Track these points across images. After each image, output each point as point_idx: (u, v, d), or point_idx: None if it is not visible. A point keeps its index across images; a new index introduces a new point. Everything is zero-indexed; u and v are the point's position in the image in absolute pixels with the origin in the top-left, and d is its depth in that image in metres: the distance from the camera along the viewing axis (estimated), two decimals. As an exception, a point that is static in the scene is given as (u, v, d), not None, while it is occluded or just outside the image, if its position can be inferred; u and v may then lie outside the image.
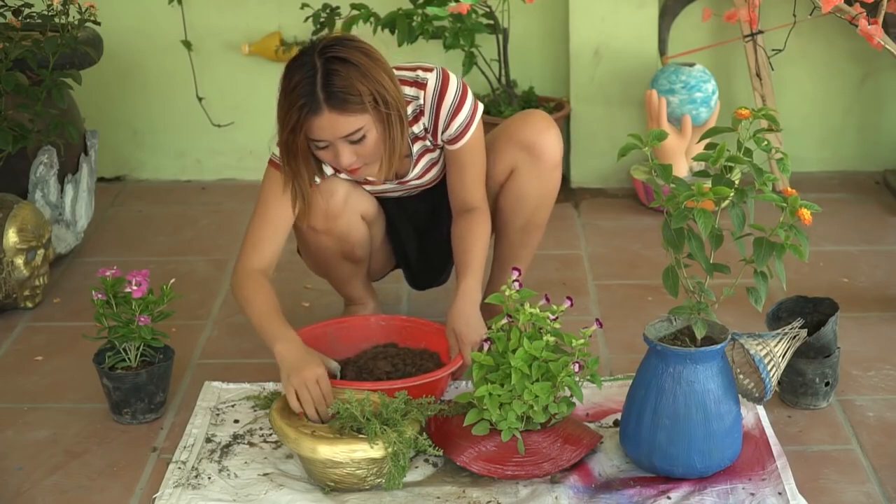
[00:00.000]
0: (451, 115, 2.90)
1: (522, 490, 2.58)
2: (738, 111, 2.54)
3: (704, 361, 2.54)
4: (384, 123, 2.73)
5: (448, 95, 2.89)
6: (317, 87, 2.66)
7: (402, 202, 3.14)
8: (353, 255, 3.10)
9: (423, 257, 3.24)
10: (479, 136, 2.98)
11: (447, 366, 2.86)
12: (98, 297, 2.82)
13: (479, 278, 2.95)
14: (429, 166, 3.03)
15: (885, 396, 2.94)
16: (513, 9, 4.21)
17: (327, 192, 2.96)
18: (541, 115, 3.07)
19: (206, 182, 4.49)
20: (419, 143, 2.97)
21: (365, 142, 2.73)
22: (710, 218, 2.46)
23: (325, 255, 3.11)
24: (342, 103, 2.66)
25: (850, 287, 3.53)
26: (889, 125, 4.42)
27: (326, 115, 2.67)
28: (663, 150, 4.03)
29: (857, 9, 3.16)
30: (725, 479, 2.59)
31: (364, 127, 2.71)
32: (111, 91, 4.40)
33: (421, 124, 2.91)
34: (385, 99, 2.70)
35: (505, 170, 3.06)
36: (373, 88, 2.69)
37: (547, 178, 3.06)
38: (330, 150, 2.74)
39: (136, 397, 2.84)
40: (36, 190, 3.64)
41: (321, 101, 2.66)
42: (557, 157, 3.05)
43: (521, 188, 3.07)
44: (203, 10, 4.32)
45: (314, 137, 2.72)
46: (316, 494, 2.57)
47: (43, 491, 2.62)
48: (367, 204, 3.07)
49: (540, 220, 3.14)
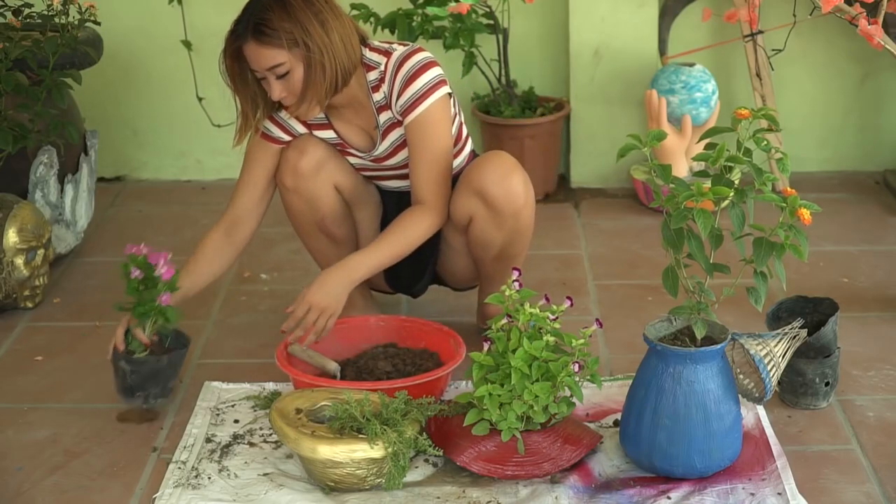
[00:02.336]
0: (406, 82, 2.93)
1: (522, 490, 2.58)
2: (738, 111, 2.54)
3: (704, 361, 2.54)
4: (307, 65, 2.85)
5: (408, 63, 2.94)
6: (247, 20, 2.85)
7: (401, 197, 3.14)
8: (325, 226, 3.11)
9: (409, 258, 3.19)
10: (437, 117, 2.94)
11: (447, 366, 2.86)
12: (136, 273, 2.81)
13: (371, 260, 2.94)
14: (398, 143, 3.03)
15: (885, 396, 2.94)
16: (513, 9, 4.21)
17: (299, 148, 3.05)
18: (500, 161, 2.97)
19: (207, 182, 4.49)
20: (385, 114, 2.99)
21: (289, 78, 2.86)
22: (710, 218, 2.46)
23: (300, 221, 3.14)
24: (261, 35, 2.83)
25: (850, 287, 3.53)
26: (889, 125, 4.42)
27: (250, 44, 2.84)
28: (663, 150, 4.03)
29: (857, 9, 3.16)
30: (725, 479, 2.59)
31: (285, 63, 2.84)
32: (111, 91, 4.40)
33: (381, 92, 2.96)
34: (305, 41, 2.83)
35: (464, 217, 3.01)
36: (295, 29, 2.82)
37: (511, 224, 2.99)
38: (265, 82, 2.90)
39: (152, 382, 2.85)
40: (36, 190, 3.64)
41: (247, 32, 2.84)
42: (517, 203, 2.96)
43: (483, 234, 3.01)
44: (203, 10, 4.32)
45: (250, 67, 2.89)
46: (316, 494, 2.57)
47: (43, 491, 2.62)
48: (344, 176, 3.10)
49: (514, 252, 3.07)
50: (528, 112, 4.22)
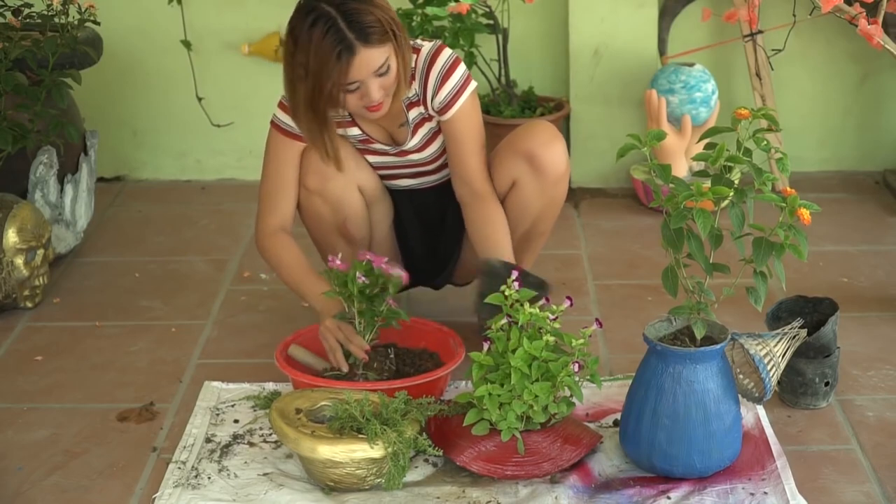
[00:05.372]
0: (441, 80, 2.94)
1: (522, 490, 2.58)
2: (738, 111, 2.54)
3: (704, 361, 2.54)
4: (400, 49, 2.81)
5: (439, 61, 2.94)
6: (344, 30, 2.72)
7: (413, 195, 3.15)
8: (346, 230, 3.09)
9: (428, 254, 3.23)
10: (472, 109, 2.99)
11: (447, 366, 2.86)
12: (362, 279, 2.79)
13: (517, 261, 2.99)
14: (429, 137, 3.03)
15: (885, 396, 2.94)
16: (513, 9, 4.21)
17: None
18: (545, 127, 3.06)
19: (206, 182, 4.49)
20: (415, 110, 2.99)
21: (389, 72, 2.80)
22: (710, 218, 2.46)
23: (320, 224, 3.10)
24: (371, 36, 2.74)
25: (850, 287, 3.53)
26: (889, 125, 4.42)
27: (362, 52, 2.74)
28: (663, 150, 4.03)
29: (857, 9, 3.16)
30: (725, 479, 2.59)
31: (389, 56, 2.79)
32: (111, 91, 4.40)
33: (413, 88, 2.96)
34: (397, 24, 2.79)
35: (507, 181, 3.06)
36: (386, 17, 2.77)
37: (550, 190, 3.06)
38: (357, 91, 2.80)
39: None
40: (36, 190, 3.64)
41: (353, 41, 2.72)
42: (561, 169, 3.04)
43: (524, 200, 3.06)
44: (203, 10, 4.32)
45: (349, 80, 2.77)
46: (316, 494, 2.57)
47: (43, 491, 2.62)
48: (367, 177, 3.08)
49: (544, 228, 3.16)
50: (527, 112, 4.22)
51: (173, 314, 3.44)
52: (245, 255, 3.83)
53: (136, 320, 3.41)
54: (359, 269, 2.81)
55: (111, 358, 3.19)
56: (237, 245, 3.91)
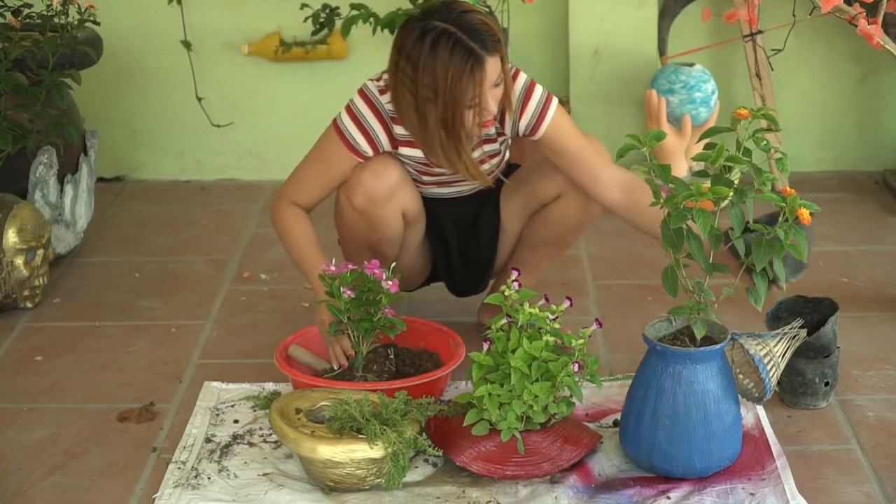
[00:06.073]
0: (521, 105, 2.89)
1: (522, 490, 2.58)
2: (738, 111, 2.54)
3: (704, 361, 2.54)
4: (506, 57, 2.78)
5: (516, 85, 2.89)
6: (468, 42, 2.69)
7: (450, 203, 3.10)
8: (379, 248, 3.04)
9: (463, 261, 3.19)
10: (563, 120, 2.92)
11: (446, 366, 2.86)
12: (347, 293, 2.76)
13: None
14: (487, 157, 2.98)
15: (885, 396, 2.94)
16: (513, 9, 4.21)
17: (376, 171, 2.92)
18: (601, 148, 3.01)
19: (206, 182, 4.49)
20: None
21: (504, 82, 2.77)
22: (710, 218, 2.46)
23: (354, 236, 3.04)
24: (496, 44, 2.71)
25: (850, 287, 3.53)
26: (888, 125, 4.42)
27: (489, 62, 2.71)
28: (663, 150, 4.03)
29: (857, 9, 3.16)
30: (725, 479, 2.59)
31: (504, 65, 2.76)
32: (110, 91, 4.40)
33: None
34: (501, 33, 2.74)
35: (553, 192, 3.04)
36: (491, 21, 2.73)
37: (591, 210, 3.05)
38: (475, 106, 2.75)
39: None
40: (36, 190, 3.64)
41: (479, 51, 2.69)
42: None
43: (564, 213, 3.06)
44: (203, 10, 4.32)
45: (476, 94, 2.72)
46: (316, 494, 2.57)
47: (43, 491, 2.62)
48: (412, 201, 3.01)
49: (570, 241, 3.16)
50: (527, 112, 4.22)
51: (173, 314, 3.44)
52: (245, 255, 3.83)
53: (136, 320, 3.41)
54: (344, 282, 2.78)
55: (111, 358, 3.19)
56: (237, 245, 3.91)
